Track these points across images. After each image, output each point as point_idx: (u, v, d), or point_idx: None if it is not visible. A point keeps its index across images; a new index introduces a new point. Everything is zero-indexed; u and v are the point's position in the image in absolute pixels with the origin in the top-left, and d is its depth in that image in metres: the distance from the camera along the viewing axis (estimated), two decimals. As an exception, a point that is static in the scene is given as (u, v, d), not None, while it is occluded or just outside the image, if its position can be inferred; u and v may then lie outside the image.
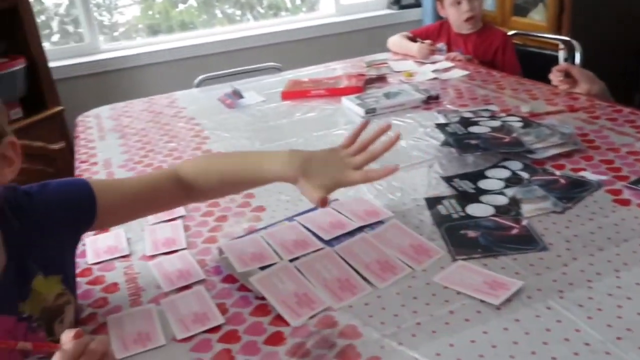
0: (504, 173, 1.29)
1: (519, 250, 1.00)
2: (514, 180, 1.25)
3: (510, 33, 2.48)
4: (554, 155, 1.34)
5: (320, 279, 0.97)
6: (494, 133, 1.44)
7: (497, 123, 1.50)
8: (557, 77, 1.77)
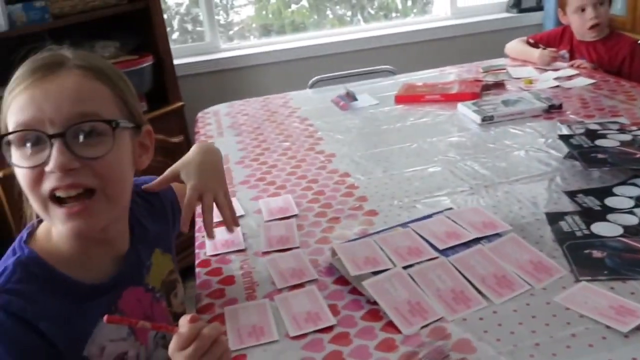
0: (634, 191, 1.21)
1: (651, 276, 0.93)
2: (646, 200, 1.17)
3: (642, 40, 2.32)
4: (692, 175, 1.24)
5: (434, 289, 0.96)
6: (624, 147, 1.36)
7: (627, 137, 1.41)
8: None
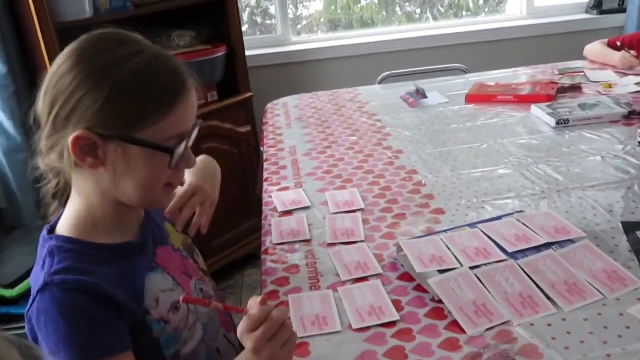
0: None
1: None
2: None
3: None
4: None
5: (501, 291, 0.94)
6: None
7: None
8: None
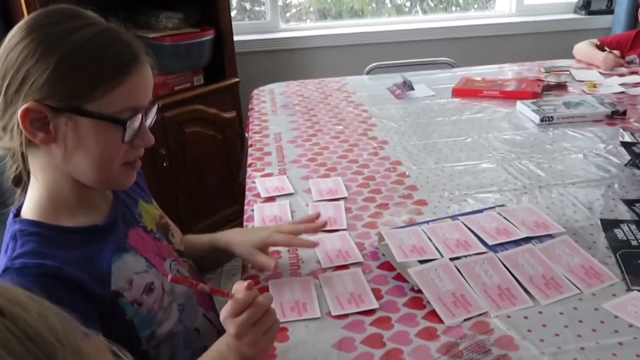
0: (696, 205, 1.17)
1: None
2: None
3: None
4: None
5: (480, 283, 0.95)
6: (689, 160, 1.31)
7: (693, 149, 1.36)
8: None
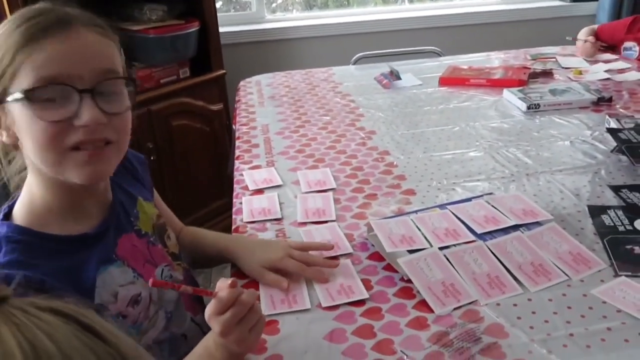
0: (682, 190, 1.18)
1: (694, 277, 0.92)
2: (694, 200, 1.14)
3: None
4: None
5: (469, 272, 0.95)
6: (674, 145, 1.32)
7: (678, 135, 1.37)
8: None
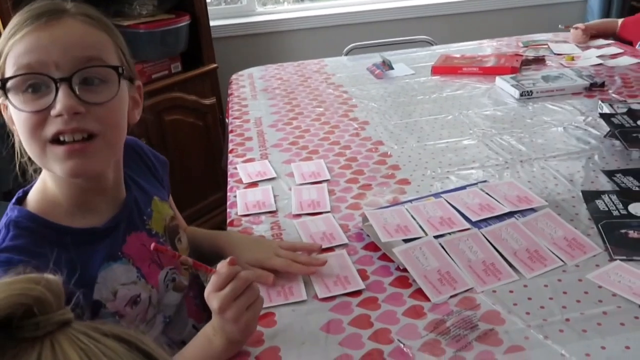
0: (676, 173, 1.18)
1: (689, 259, 0.92)
2: (687, 183, 1.14)
3: None
4: None
5: (465, 260, 0.95)
6: (667, 129, 1.32)
7: (671, 118, 1.37)
8: None
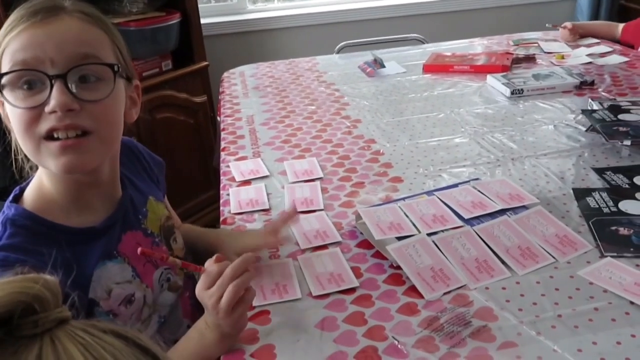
0: (665, 171, 1.20)
1: (678, 255, 0.93)
2: (676, 180, 1.16)
3: None
4: None
5: (458, 257, 0.96)
6: (650, 122, 1.34)
7: (654, 113, 1.39)
8: None
